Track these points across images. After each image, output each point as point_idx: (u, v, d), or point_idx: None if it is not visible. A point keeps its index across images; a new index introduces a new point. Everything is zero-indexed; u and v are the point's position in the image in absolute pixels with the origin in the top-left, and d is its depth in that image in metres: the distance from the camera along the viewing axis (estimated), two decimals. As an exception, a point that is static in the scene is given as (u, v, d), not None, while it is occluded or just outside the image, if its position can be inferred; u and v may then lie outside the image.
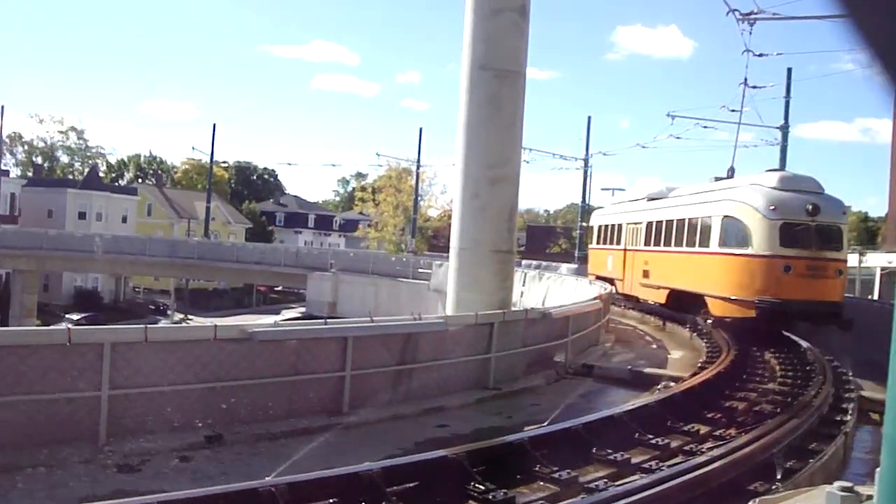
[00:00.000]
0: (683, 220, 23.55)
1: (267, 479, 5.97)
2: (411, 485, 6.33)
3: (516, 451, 7.32)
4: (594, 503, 6.13)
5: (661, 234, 25.26)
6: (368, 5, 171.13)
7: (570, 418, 9.16)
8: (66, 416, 9.21)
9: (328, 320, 12.98)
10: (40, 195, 76.08)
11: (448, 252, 19.95)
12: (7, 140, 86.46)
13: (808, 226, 18.87)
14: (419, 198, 66.98)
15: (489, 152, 16.95)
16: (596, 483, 6.76)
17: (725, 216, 20.46)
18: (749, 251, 19.23)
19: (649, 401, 10.53)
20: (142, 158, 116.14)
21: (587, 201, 56.58)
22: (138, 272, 66.21)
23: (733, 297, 19.18)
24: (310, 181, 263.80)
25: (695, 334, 21.34)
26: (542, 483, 6.91)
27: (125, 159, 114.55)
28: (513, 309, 17.46)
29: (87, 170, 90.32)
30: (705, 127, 39.88)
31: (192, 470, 8.92)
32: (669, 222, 24.68)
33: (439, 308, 27.40)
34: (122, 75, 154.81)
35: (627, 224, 29.48)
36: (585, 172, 54.16)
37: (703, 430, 9.59)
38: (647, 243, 26.50)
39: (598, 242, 33.90)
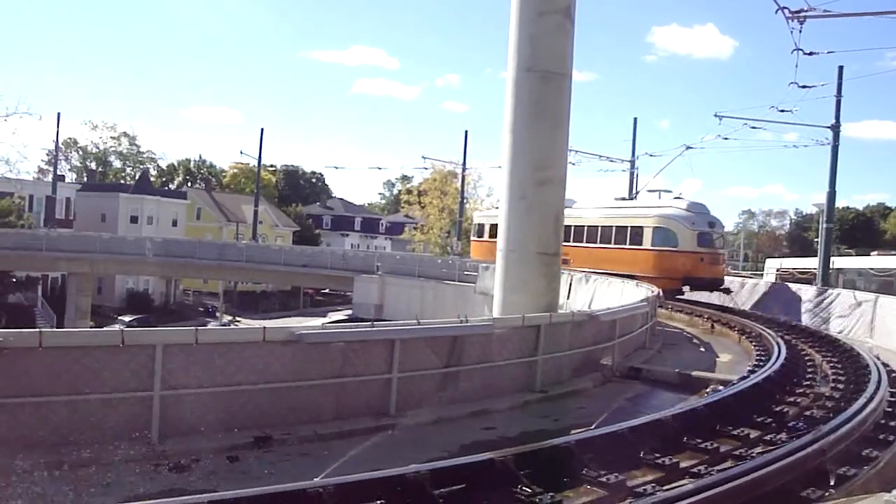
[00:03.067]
0: (611, 227, 37.14)
1: (315, 479, 6.02)
2: (458, 487, 6.33)
3: (563, 455, 7.29)
4: (642, 508, 6.08)
5: (590, 234, 38.00)
6: (406, 9, 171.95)
7: (617, 421, 9.09)
8: (120, 415, 9.39)
9: (375, 323, 13.04)
10: (94, 200, 77.86)
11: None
12: (63, 146, 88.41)
13: (710, 234, 34.49)
14: (464, 200, 66.99)
15: (535, 154, 16.90)
16: (644, 487, 6.70)
17: (656, 227, 34.75)
18: (678, 248, 33.69)
19: (697, 404, 10.40)
20: (191, 163, 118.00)
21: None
22: (188, 275, 67.27)
23: (664, 277, 31.76)
24: (356, 184, 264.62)
25: (743, 337, 21.15)
26: (589, 487, 6.86)
27: (175, 164, 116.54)
28: (559, 311, 17.38)
29: (138, 175, 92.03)
30: (753, 128, 39.34)
31: (240, 470, 9.04)
32: (605, 227, 37.51)
33: (485, 310, 27.37)
34: (168, 81, 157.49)
35: None
36: (632, 174, 53.61)
37: (753, 434, 9.43)
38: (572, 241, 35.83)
39: (489, 237, 43.15)
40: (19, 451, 8.39)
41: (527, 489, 6.37)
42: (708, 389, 13.47)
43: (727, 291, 34.54)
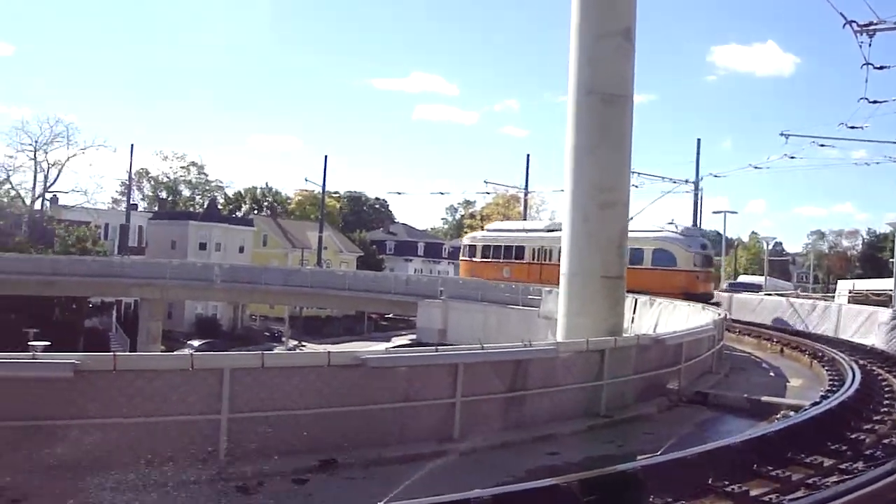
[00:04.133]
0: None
1: (379, 503, 6.05)
2: (522, 512, 6.30)
3: (629, 481, 7.19)
4: (711, 535, 5.96)
5: None
6: (464, 36, 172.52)
7: (684, 447, 8.94)
8: (188, 437, 9.58)
9: (438, 347, 13.06)
10: (165, 227, 79.90)
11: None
12: (135, 176, 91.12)
13: (704, 255, 40.87)
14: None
15: (598, 177, 16.84)
16: (713, 515, 6.56)
17: (655, 248, 39.82)
18: (677, 268, 39.54)
19: (768, 430, 10.15)
20: (257, 191, 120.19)
21: (699, 224, 55.30)
22: (254, 300, 68.31)
23: (664, 293, 33.15)
24: (419, 210, 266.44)
25: (815, 361, 20.59)
26: (656, 514, 6.76)
27: (241, 192, 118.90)
28: (624, 335, 17.19)
29: (206, 203, 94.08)
30: (822, 145, 38.61)
31: (306, 493, 9.12)
32: None
33: (549, 335, 27.19)
34: (234, 111, 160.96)
35: (528, 246, 48.28)
36: (696, 195, 52.92)
37: (828, 462, 9.16)
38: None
39: (482, 257, 50.69)
40: (95, 470, 8.65)
41: (592, 515, 6.30)
42: (778, 415, 13.12)
43: (717, 305, 36.28)
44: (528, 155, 67.23)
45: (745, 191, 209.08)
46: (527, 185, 66.60)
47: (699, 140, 54.17)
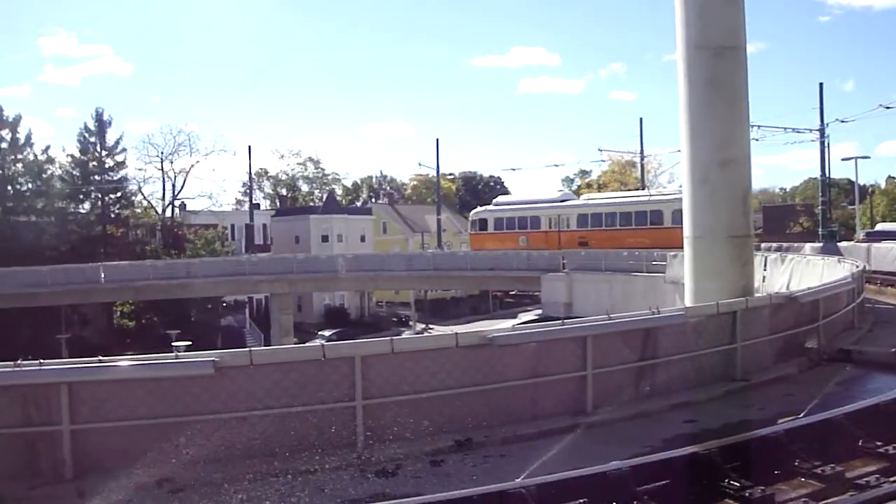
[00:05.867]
0: (629, 213, 48.72)
1: (516, 480, 6.06)
2: (661, 483, 6.18)
3: (772, 446, 6.94)
4: (866, 501, 5.68)
5: (608, 220, 49.81)
6: (562, 5, 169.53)
7: (829, 408, 8.55)
8: (326, 425, 9.88)
9: (565, 321, 12.97)
10: (287, 223, 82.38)
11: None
12: (255, 177, 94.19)
13: None
14: (645, 188, 65.48)
15: (715, 135, 16.32)
16: (866, 479, 6.25)
17: (675, 209, 38.86)
18: None
19: (921, 385, 9.62)
20: (373, 179, 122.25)
21: (828, 174, 52.78)
22: (379, 287, 69.54)
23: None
24: (534, 184, 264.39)
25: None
26: (802, 479, 6.47)
27: (358, 182, 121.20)
28: (755, 295, 16.63)
29: (325, 196, 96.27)
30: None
31: (443, 473, 9.26)
32: (623, 213, 49.27)
33: (677, 300, 26.63)
34: (344, 103, 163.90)
35: (543, 216, 53.97)
36: (822, 143, 50.45)
37: None
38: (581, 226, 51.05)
39: (495, 229, 56.96)
40: (242, 461, 9.07)
41: (735, 483, 6.11)
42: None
43: None
44: (641, 119, 66.10)
45: (875, 134, 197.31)
46: (642, 150, 65.33)
47: (821, 85, 51.72)
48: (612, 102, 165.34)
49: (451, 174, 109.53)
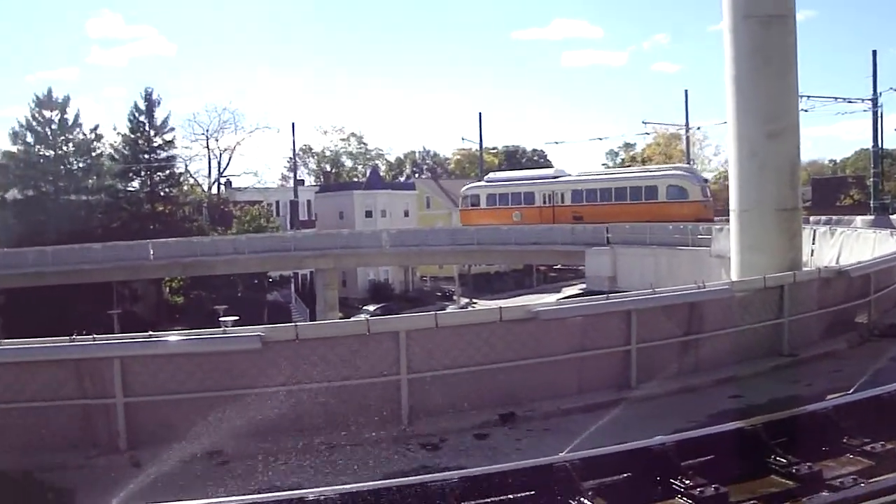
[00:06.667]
0: (625, 188, 50.39)
1: (561, 454, 6.09)
2: (706, 458, 6.17)
3: (820, 422, 6.87)
4: (916, 476, 5.60)
5: (603, 195, 51.33)
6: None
7: (879, 384, 8.43)
8: (370, 398, 10.00)
9: (609, 295, 12.91)
10: (331, 199, 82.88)
11: (727, 215, 19.16)
12: (300, 153, 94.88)
13: (705, 188, 49.44)
14: (691, 162, 64.63)
15: (762, 106, 16.03)
16: (918, 455, 6.15)
17: (669, 185, 47.63)
18: (689, 199, 46.56)
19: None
20: (416, 154, 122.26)
21: (881, 145, 51.51)
22: (423, 262, 69.70)
23: (679, 221, 41.85)
24: (578, 157, 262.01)
25: None
26: (851, 456, 6.38)
27: (401, 157, 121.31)
28: (804, 269, 16.39)
29: (368, 171, 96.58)
30: None
31: (488, 447, 9.33)
32: (619, 189, 50.82)
33: (722, 274, 26.32)
34: (386, 79, 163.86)
35: (537, 192, 55.00)
36: (875, 113, 49.24)
37: None
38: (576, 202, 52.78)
39: (487, 205, 57.55)
40: (288, 434, 9.23)
41: (781, 459, 6.07)
42: None
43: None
44: (686, 91, 65.14)
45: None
46: (687, 122, 64.24)
47: (874, 52, 49.85)
48: (655, 74, 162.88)
49: (493, 148, 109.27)
